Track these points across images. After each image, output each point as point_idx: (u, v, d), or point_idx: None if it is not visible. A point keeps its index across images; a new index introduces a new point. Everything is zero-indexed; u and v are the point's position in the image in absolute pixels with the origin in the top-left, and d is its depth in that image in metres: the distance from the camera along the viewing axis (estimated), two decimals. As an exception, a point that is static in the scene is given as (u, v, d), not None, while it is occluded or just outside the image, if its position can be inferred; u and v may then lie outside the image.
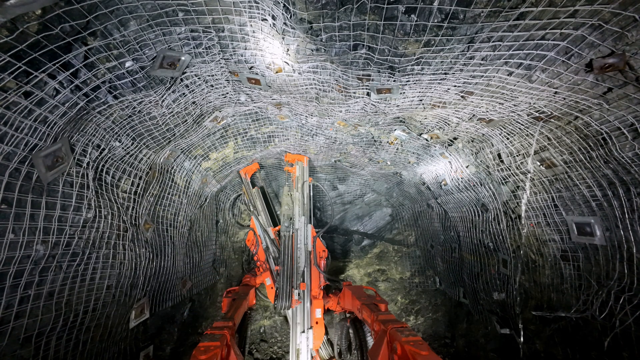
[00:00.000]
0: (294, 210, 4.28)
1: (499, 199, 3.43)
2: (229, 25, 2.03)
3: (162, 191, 3.42)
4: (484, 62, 2.00)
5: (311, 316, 3.45)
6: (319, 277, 3.59)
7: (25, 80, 1.60)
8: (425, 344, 1.82)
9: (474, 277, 4.31)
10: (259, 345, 5.14)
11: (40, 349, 1.96)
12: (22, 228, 1.77)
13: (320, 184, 5.10)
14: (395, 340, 1.94)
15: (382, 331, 2.14)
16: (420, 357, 1.68)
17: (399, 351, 1.86)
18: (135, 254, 2.82)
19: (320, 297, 3.47)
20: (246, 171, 5.03)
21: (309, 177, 4.44)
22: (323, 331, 3.43)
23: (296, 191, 4.41)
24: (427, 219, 5.83)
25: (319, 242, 3.77)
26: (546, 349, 3.09)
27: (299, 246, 3.97)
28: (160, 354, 3.49)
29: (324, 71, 2.37)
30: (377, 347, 2.11)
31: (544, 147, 2.56)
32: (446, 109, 2.76)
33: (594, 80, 1.87)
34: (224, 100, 3.04)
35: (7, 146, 1.62)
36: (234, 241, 5.90)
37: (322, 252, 3.82)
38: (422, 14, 1.73)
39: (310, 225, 4.02)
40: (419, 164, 4.56)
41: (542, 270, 3.05)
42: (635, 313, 2.13)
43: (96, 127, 2.25)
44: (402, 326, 2.09)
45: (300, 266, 3.81)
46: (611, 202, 2.21)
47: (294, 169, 4.59)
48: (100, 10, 1.67)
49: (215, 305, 4.93)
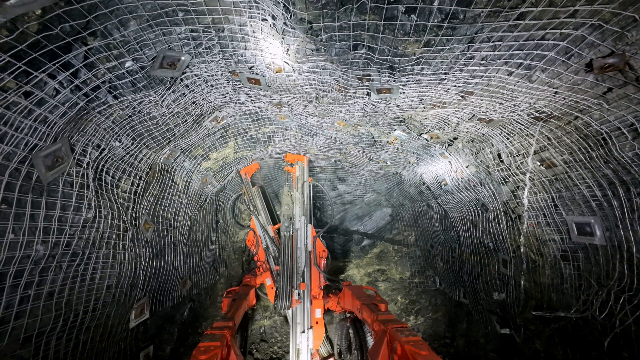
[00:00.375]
0: (294, 210, 4.28)
1: (499, 199, 3.43)
2: (229, 25, 2.03)
3: (162, 191, 3.42)
4: (484, 62, 2.00)
5: (311, 316, 3.45)
6: (319, 277, 3.59)
7: (25, 80, 1.60)
8: (425, 344, 1.82)
9: (474, 277, 4.31)
10: (259, 345, 5.14)
11: (40, 349, 1.96)
12: (22, 228, 1.77)
13: (320, 184, 5.10)
14: (395, 340, 1.94)
15: (382, 331, 2.14)
16: (420, 357, 1.68)
17: (399, 351, 1.86)
18: (135, 254, 2.82)
19: (320, 297, 3.47)
20: (246, 171, 5.03)
21: (309, 177, 4.44)
22: (323, 331, 3.43)
23: (296, 191, 4.41)
24: (427, 219, 5.83)
25: (319, 242, 3.77)
26: (546, 349, 3.08)
27: (299, 246, 3.97)
28: (160, 354, 3.49)
29: (324, 71, 2.37)
30: (377, 347, 2.12)
31: (544, 147, 2.56)
32: (446, 109, 2.76)
33: (594, 80, 1.87)
34: (224, 100, 3.04)
35: (7, 146, 1.62)
36: (234, 241, 5.90)
37: (322, 252, 3.82)
38: (422, 14, 1.73)
39: (310, 225, 4.02)
40: (419, 164, 4.56)
41: (542, 270, 3.05)
42: (635, 313, 2.13)
43: (96, 127, 2.25)
44: (402, 326, 2.09)
45: (300, 266, 3.81)
46: (611, 202, 2.21)
47: (294, 169, 4.59)
48: (100, 10, 1.67)
49: (215, 305, 4.92)
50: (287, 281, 3.70)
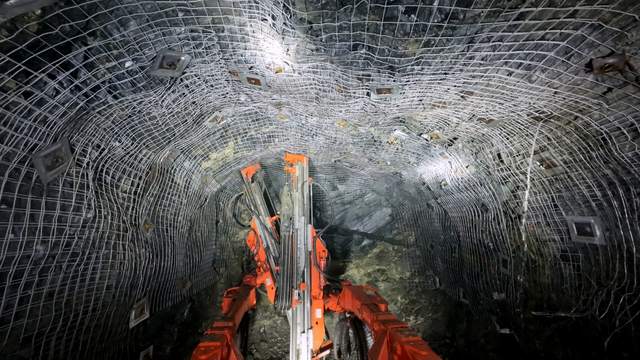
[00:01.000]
0: (293, 211, 4.28)
1: (498, 199, 3.43)
2: (229, 25, 2.03)
3: (162, 191, 3.42)
4: (484, 62, 2.00)
5: (311, 316, 3.44)
6: (319, 277, 3.59)
7: (25, 80, 1.60)
8: (425, 344, 1.81)
9: (474, 277, 4.31)
10: (259, 345, 5.14)
11: (40, 349, 1.96)
12: (22, 228, 1.77)
13: (320, 184, 5.09)
14: (395, 340, 1.94)
15: (382, 331, 2.14)
16: (420, 357, 1.68)
17: (399, 351, 1.86)
18: (135, 254, 2.82)
19: (320, 297, 3.48)
20: (247, 171, 5.03)
21: (309, 177, 4.44)
22: (323, 331, 3.44)
23: (296, 191, 4.41)
24: (427, 219, 5.84)
25: (319, 242, 3.78)
26: (546, 349, 3.09)
27: (299, 246, 3.97)
28: (160, 354, 3.49)
29: (323, 71, 2.37)
30: (377, 347, 2.11)
31: (544, 147, 2.56)
32: (446, 109, 2.76)
33: (593, 80, 1.87)
34: (224, 100, 3.04)
35: (7, 146, 1.62)
36: (234, 241, 5.91)
37: (322, 252, 3.83)
38: (422, 14, 1.73)
39: (310, 226, 4.03)
40: (419, 164, 4.56)
41: (542, 270, 3.05)
42: (635, 313, 2.13)
43: (96, 127, 2.25)
44: (402, 326, 2.09)
45: (300, 266, 3.81)
46: (611, 202, 2.21)
47: (294, 169, 4.59)
48: (100, 10, 1.67)
49: (215, 305, 4.93)
50: (287, 281, 3.70)
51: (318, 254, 3.78)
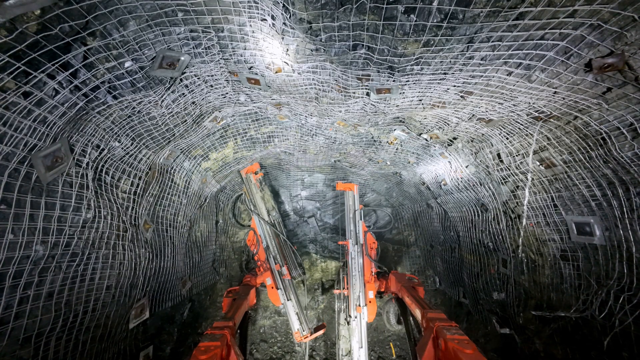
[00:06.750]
0: (350, 226, 4.57)
1: (498, 198, 3.43)
2: (229, 25, 2.03)
3: (162, 191, 3.42)
4: (484, 62, 2.00)
5: (365, 296, 3.92)
6: (370, 265, 4.20)
7: (25, 80, 1.60)
8: (472, 343, 1.84)
9: (474, 277, 4.31)
10: (259, 345, 5.14)
11: (39, 350, 1.96)
12: (22, 228, 1.77)
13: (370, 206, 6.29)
14: (440, 337, 1.99)
15: (429, 328, 2.19)
16: (463, 354, 1.71)
17: (443, 347, 1.89)
18: (135, 254, 2.82)
19: (372, 281, 4.08)
20: (247, 171, 5.03)
21: (360, 204, 4.74)
22: (375, 308, 3.93)
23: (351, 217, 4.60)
24: (426, 218, 5.84)
25: (370, 235, 4.39)
26: (546, 349, 3.09)
27: (354, 244, 4.32)
28: (160, 354, 3.49)
29: (323, 71, 2.37)
30: (423, 343, 2.16)
31: (544, 147, 2.56)
32: (446, 109, 2.76)
33: (593, 80, 1.87)
34: (224, 101, 3.04)
35: (7, 146, 1.62)
36: (234, 241, 5.90)
37: (373, 243, 4.44)
38: (421, 14, 1.73)
39: (361, 221, 4.48)
40: (419, 164, 4.57)
41: (541, 270, 3.05)
42: (635, 313, 2.14)
43: (95, 127, 2.25)
44: (449, 324, 2.13)
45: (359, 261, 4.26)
46: (610, 201, 2.21)
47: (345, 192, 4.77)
48: (99, 10, 1.67)
49: (215, 305, 4.93)
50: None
51: (369, 245, 4.35)
